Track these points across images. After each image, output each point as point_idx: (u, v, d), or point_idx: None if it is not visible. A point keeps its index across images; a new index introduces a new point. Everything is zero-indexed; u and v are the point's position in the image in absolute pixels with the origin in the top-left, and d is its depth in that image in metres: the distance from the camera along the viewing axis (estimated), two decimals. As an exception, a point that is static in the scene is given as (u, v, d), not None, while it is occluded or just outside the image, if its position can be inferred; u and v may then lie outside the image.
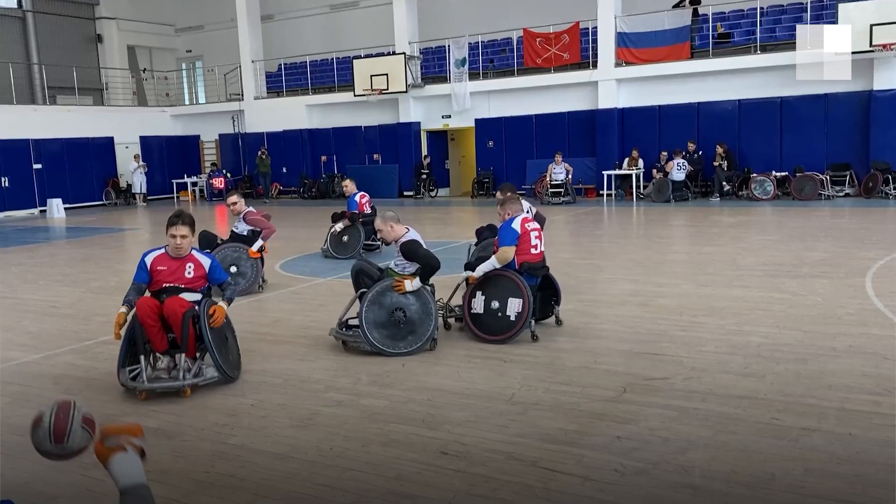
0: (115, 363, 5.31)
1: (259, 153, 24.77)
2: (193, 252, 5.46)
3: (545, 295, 6.53)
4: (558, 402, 4.70)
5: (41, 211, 22.71)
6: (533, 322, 6.18)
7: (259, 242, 8.76)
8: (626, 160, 19.47)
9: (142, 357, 5.12)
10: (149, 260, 5.35)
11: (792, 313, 6.74)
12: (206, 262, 5.47)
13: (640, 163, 19.15)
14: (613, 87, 19.75)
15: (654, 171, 18.74)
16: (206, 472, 3.93)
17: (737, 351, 5.65)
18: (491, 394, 4.92)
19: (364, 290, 6.06)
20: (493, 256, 6.24)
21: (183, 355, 5.16)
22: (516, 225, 6.25)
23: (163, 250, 5.41)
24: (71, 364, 6.09)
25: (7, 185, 22.21)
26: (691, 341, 5.93)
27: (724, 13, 19.78)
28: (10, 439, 4.46)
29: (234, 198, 9.13)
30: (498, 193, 6.94)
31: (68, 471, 4.01)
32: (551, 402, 4.71)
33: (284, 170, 25.30)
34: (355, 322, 6.07)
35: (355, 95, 22.55)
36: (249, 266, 8.73)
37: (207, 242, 8.78)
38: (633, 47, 19.33)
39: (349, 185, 12.04)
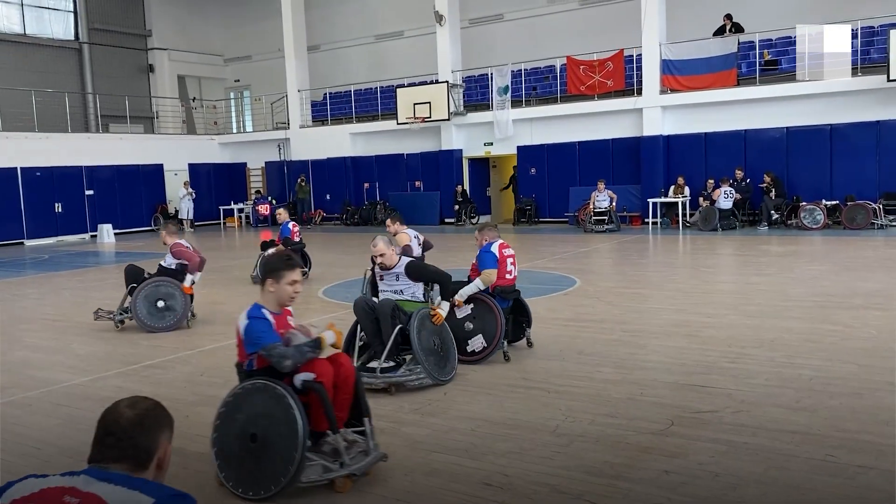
0: (163, 387, 5.35)
1: (298, 180, 25.13)
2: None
3: (517, 318, 6.80)
4: (604, 435, 4.61)
5: (92, 236, 23.28)
6: (505, 343, 6.46)
7: (189, 277, 8.51)
8: (672, 188, 19.26)
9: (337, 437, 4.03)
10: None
11: (845, 346, 6.54)
12: None
13: (686, 190, 18.93)
14: (658, 114, 19.63)
15: (701, 198, 18.49)
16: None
17: (788, 384, 5.49)
18: (535, 425, 4.85)
19: (401, 325, 5.73)
20: (477, 279, 6.47)
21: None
22: (494, 249, 6.62)
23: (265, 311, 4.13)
24: (118, 387, 6.18)
25: (61, 210, 22.84)
26: (740, 374, 5.78)
27: (771, 40, 19.57)
28: (60, 461, 4.53)
29: (163, 232, 8.89)
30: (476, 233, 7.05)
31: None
32: (597, 435, 4.62)
33: (328, 196, 25.61)
34: (386, 364, 5.63)
35: (398, 123, 22.78)
36: (180, 302, 8.44)
37: (134, 277, 8.54)
38: (679, 74, 19.20)
39: (282, 214, 12.50)
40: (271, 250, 11.21)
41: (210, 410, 5.36)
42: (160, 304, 8.36)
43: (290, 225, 12.15)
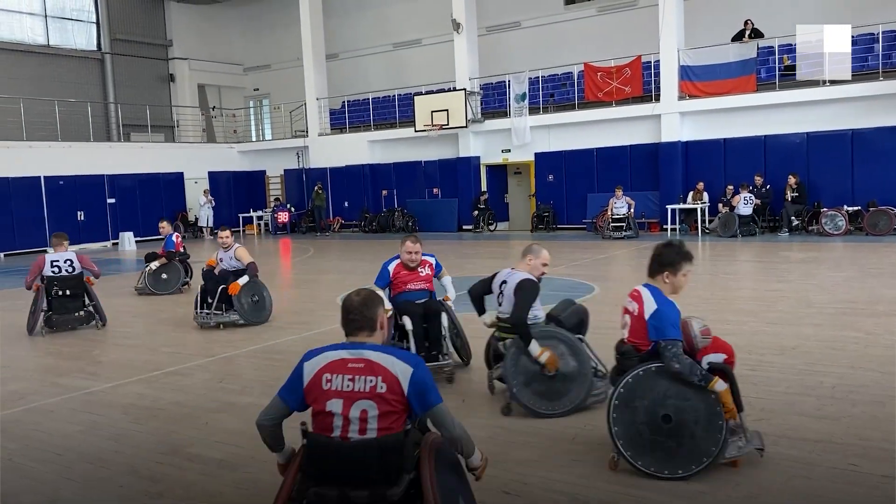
0: (182, 394, 5.36)
1: (315, 188, 25.27)
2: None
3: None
4: (622, 442, 4.58)
5: (114, 244, 23.52)
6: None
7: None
8: (691, 194, 19.14)
9: None
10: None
11: (868, 353, 6.46)
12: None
13: (705, 196, 18.81)
14: (677, 119, 19.53)
15: (720, 204, 18.37)
16: (267, 506, 3.95)
17: (809, 392, 5.43)
18: (554, 433, 4.83)
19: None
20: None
21: None
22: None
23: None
24: (139, 394, 6.23)
25: (83, 218, 23.10)
26: (760, 381, 5.72)
27: (791, 45, 19.41)
28: (81, 468, 4.57)
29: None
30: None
31: (136, 500, 4.09)
32: (615, 442, 4.59)
33: (346, 204, 25.71)
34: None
35: (416, 131, 22.83)
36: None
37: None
38: (697, 80, 19.11)
39: (166, 227, 12.85)
40: (154, 263, 12.08)
41: (229, 418, 5.41)
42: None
43: (174, 237, 12.63)
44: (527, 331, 5.09)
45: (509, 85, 21.95)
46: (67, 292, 9.17)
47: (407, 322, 6.12)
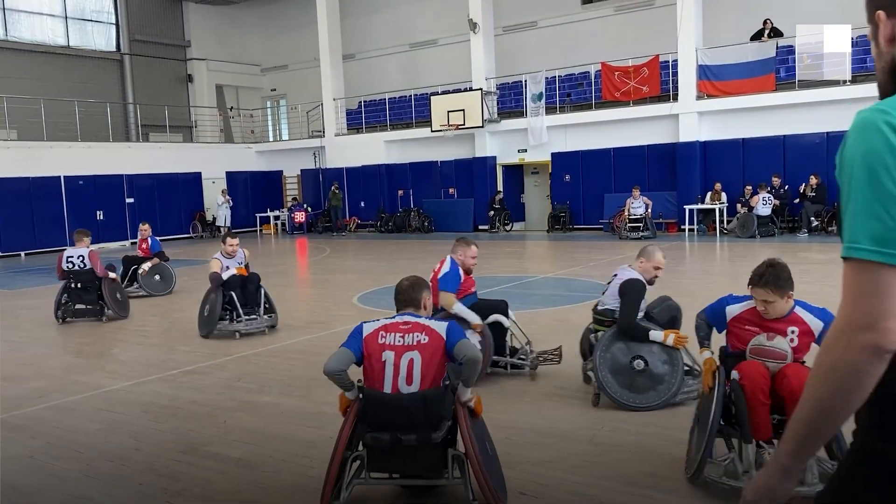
0: (201, 393, 5.39)
1: (332, 188, 25.36)
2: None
3: None
4: (640, 445, 4.56)
5: (132, 243, 23.68)
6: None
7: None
8: (709, 194, 19.03)
9: None
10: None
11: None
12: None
13: (724, 197, 18.69)
14: (695, 119, 19.42)
15: (739, 205, 18.25)
16: (285, 505, 3.96)
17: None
18: (571, 434, 4.81)
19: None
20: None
21: None
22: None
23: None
24: (157, 392, 6.28)
25: (102, 218, 23.31)
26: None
27: (811, 44, 19.24)
28: (102, 465, 4.61)
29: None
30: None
31: (156, 498, 4.12)
32: (633, 445, 4.57)
33: (362, 204, 25.77)
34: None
35: (432, 131, 22.85)
36: None
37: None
38: (715, 79, 18.99)
39: (147, 229, 12.70)
40: (147, 264, 11.97)
41: (247, 416, 5.44)
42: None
43: (157, 239, 12.66)
44: (639, 331, 5.19)
45: (526, 85, 21.91)
46: (80, 285, 9.87)
47: (503, 320, 6.11)
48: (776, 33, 19.01)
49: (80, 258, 9.93)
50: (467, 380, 3.62)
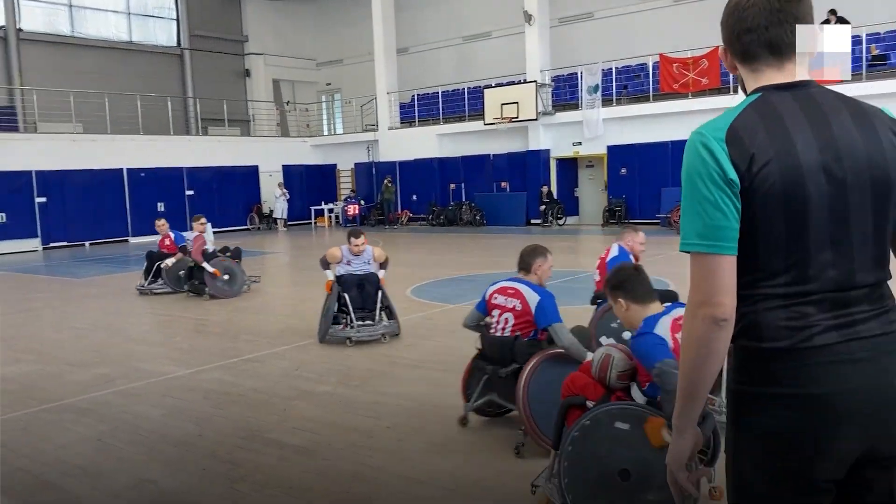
0: (261, 381, 5.42)
1: (384, 181, 25.48)
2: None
3: None
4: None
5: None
6: None
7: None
8: (769, 188, 18.55)
9: None
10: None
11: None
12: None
13: (784, 191, 18.19)
14: (755, 112, 18.92)
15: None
16: (345, 492, 4.00)
17: None
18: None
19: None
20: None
21: None
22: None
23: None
24: (219, 380, 6.40)
25: (163, 209, 23.88)
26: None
27: (879, 34, 18.60)
28: (166, 450, 4.72)
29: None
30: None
31: (218, 483, 4.20)
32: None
33: (414, 197, 25.86)
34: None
35: (485, 124, 22.78)
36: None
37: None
38: (777, 71, 18.47)
39: (164, 225, 12.65)
40: (170, 260, 11.68)
41: (305, 405, 5.51)
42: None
43: (188, 234, 12.29)
44: None
45: (581, 77, 21.66)
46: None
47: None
48: (842, 23, 18.39)
49: (189, 241, 11.43)
50: (577, 359, 4.19)
